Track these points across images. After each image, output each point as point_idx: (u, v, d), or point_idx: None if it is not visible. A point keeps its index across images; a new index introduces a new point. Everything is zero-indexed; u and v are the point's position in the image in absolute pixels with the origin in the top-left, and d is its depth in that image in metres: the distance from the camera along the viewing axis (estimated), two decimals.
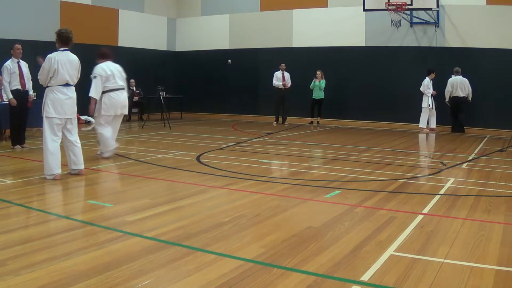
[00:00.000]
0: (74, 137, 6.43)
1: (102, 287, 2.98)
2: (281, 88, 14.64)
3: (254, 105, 16.92)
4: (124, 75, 8.20)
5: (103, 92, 7.85)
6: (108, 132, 7.97)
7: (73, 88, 6.40)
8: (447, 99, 13.22)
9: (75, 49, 9.02)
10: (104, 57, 8.08)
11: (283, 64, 14.73)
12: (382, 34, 14.47)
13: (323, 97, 14.75)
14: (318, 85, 14.68)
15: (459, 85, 12.99)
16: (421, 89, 13.25)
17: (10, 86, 8.68)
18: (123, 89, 8.09)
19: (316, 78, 14.70)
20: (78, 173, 6.49)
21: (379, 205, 5.17)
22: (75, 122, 6.47)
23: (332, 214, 4.78)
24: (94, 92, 7.73)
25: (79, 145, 6.47)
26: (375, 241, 3.95)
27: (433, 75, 13.29)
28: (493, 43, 13.06)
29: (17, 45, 8.80)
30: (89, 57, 11.60)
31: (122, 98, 8.03)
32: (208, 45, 17.59)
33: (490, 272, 3.31)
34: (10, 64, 8.69)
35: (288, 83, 14.71)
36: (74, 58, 6.39)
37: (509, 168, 7.65)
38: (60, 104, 6.19)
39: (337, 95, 15.20)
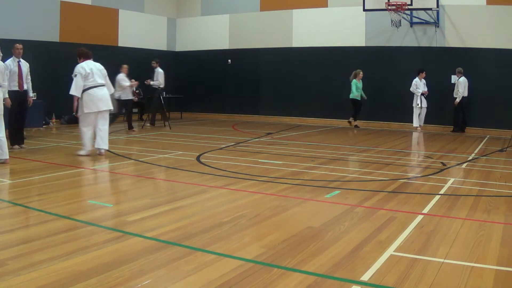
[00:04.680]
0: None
1: (102, 287, 2.98)
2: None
3: (254, 105, 16.92)
4: (104, 73, 8.40)
5: (83, 91, 8.07)
6: (89, 132, 8.23)
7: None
8: (458, 100, 13.06)
9: (75, 49, 9.08)
10: (83, 56, 8.32)
11: (153, 61, 13.80)
12: (382, 34, 14.47)
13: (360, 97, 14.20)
14: (359, 85, 14.01)
15: (466, 86, 13.04)
16: (410, 89, 13.53)
17: (9, 86, 8.59)
18: (102, 85, 8.26)
19: (356, 77, 14.04)
20: (4, 162, 7.22)
21: (379, 205, 5.17)
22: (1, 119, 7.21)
23: (332, 214, 4.78)
24: (74, 89, 8.02)
25: (4, 139, 7.27)
26: (375, 241, 3.95)
27: (422, 75, 13.47)
28: (493, 43, 13.05)
29: (17, 44, 8.77)
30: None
31: (101, 94, 8.18)
32: (208, 45, 17.58)
33: (490, 272, 3.31)
34: (10, 63, 8.57)
35: (152, 82, 13.49)
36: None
37: (509, 168, 7.65)
38: None
39: (337, 95, 15.19)
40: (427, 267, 3.37)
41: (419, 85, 13.49)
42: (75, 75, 8.07)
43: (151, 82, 13.57)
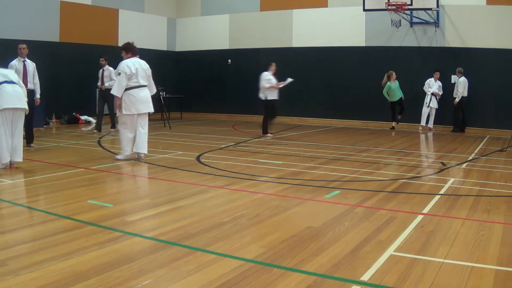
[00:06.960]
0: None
1: (102, 287, 2.98)
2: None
3: (254, 105, 16.85)
4: (149, 73, 7.85)
5: (124, 90, 7.61)
6: (130, 134, 7.76)
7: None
8: (458, 100, 13.04)
9: (75, 49, 9.05)
10: (131, 52, 7.80)
11: (101, 58, 12.34)
12: (382, 34, 14.46)
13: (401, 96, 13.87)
14: (395, 87, 13.74)
15: (466, 86, 13.03)
16: (423, 87, 13.60)
17: None
18: (144, 86, 7.74)
19: (390, 79, 13.72)
20: (10, 166, 6.90)
21: (379, 205, 5.17)
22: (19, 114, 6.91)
23: (332, 214, 4.78)
24: (116, 89, 7.59)
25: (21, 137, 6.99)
26: (375, 241, 3.95)
27: (436, 76, 13.46)
28: (493, 43, 13.05)
29: (20, 44, 9.05)
30: (90, 57, 11.57)
31: (142, 95, 7.66)
32: (208, 45, 17.58)
33: (490, 272, 3.31)
34: (16, 62, 8.89)
35: (107, 83, 11.90)
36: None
37: (509, 168, 7.65)
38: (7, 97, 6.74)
39: (337, 95, 15.21)
40: (427, 267, 3.37)
41: (431, 85, 13.48)
42: (119, 74, 7.54)
43: (106, 84, 11.92)
